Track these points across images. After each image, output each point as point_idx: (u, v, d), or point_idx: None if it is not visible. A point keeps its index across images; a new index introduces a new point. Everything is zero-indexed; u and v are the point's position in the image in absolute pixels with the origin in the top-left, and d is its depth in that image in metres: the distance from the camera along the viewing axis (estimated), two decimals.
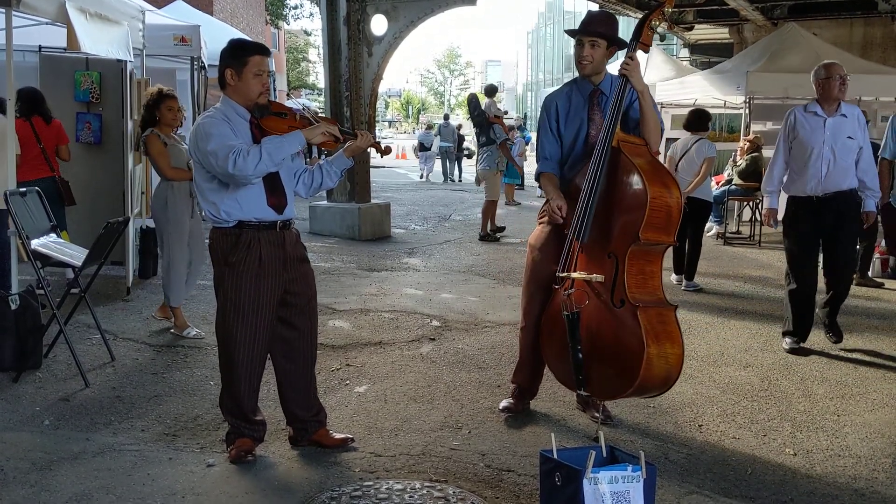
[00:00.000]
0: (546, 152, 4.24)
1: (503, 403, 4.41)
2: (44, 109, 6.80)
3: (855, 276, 8.34)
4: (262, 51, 3.71)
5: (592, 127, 4.12)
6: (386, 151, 4.11)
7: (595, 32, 4.07)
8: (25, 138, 6.59)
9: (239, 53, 3.66)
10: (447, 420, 4.36)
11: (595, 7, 15.08)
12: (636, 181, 3.75)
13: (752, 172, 10.68)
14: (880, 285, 8.25)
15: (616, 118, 3.87)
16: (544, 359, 4.24)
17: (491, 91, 12.05)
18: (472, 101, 11.07)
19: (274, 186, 3.73)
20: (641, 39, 3.95)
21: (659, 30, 4.57)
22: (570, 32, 4.21)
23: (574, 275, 3.87)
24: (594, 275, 3.82)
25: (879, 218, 8.24)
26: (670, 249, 4.23)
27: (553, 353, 4.11)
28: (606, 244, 3.84)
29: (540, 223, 4.34)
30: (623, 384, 3.74)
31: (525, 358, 4.38)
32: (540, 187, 4.34)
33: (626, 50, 4.04)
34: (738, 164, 10.90)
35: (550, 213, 4.07)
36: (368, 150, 4.02)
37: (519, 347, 4.46)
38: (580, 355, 3.83)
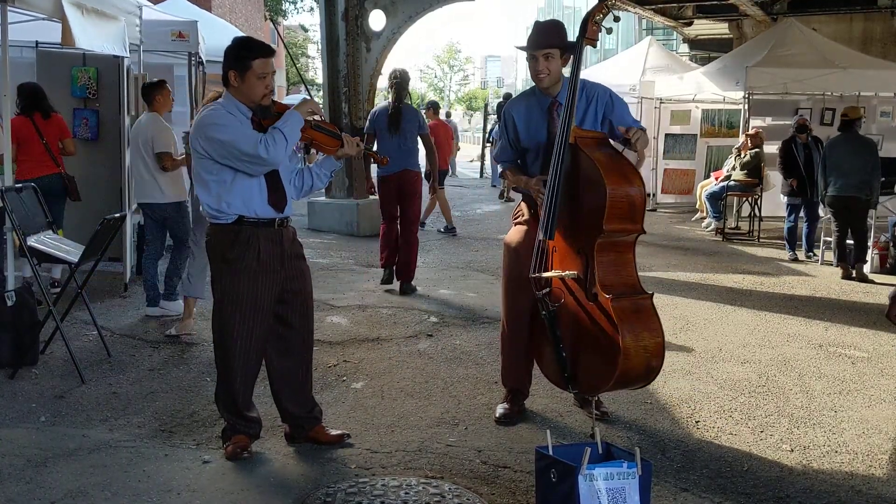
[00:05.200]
0: (505, 158, 4.38)
1: (499, 411, 4.33)
2: (44, 104, 6.76)
3: (853, 270, 8.36)
4: (266, 52, 3.65)
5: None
6: (382, 162, 4.21)
7: (548, 45, 4.05)
8: (28, 135, 6.57)
9: (242, 56, 3.61)
10: (444, 416, 4.35)
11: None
12: (594, 175, 3.74)
13: (753, 168, 10.68)
14: (868, 279, 8.28)
15: (570, 115, 3.84)
16: (536, 361, 4.21)
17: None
18: None
19: (275, 185, 3.71)
20: (587, 35, 3.93)
21: (608, 24, 4.55)
22: (523, 48, 4.16)
23: (548, 273, 3.85)
24: (567, 271, 3.81)
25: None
26: None
27: (542, 354, 4.09)
28: (576, 240, 3.82)
29: (515, 223, 4.34)
30: (604, 377, 3.69)
31: (510, 360, 4.34)
32: (504, 177, 4.48)
33: (574, 48, 4.02)
34: (741, 156, 10.91)
35: (535, 191, 4.05)
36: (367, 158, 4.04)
37: (501, 350, 4.43)
38: (563, 353, 3.82)
